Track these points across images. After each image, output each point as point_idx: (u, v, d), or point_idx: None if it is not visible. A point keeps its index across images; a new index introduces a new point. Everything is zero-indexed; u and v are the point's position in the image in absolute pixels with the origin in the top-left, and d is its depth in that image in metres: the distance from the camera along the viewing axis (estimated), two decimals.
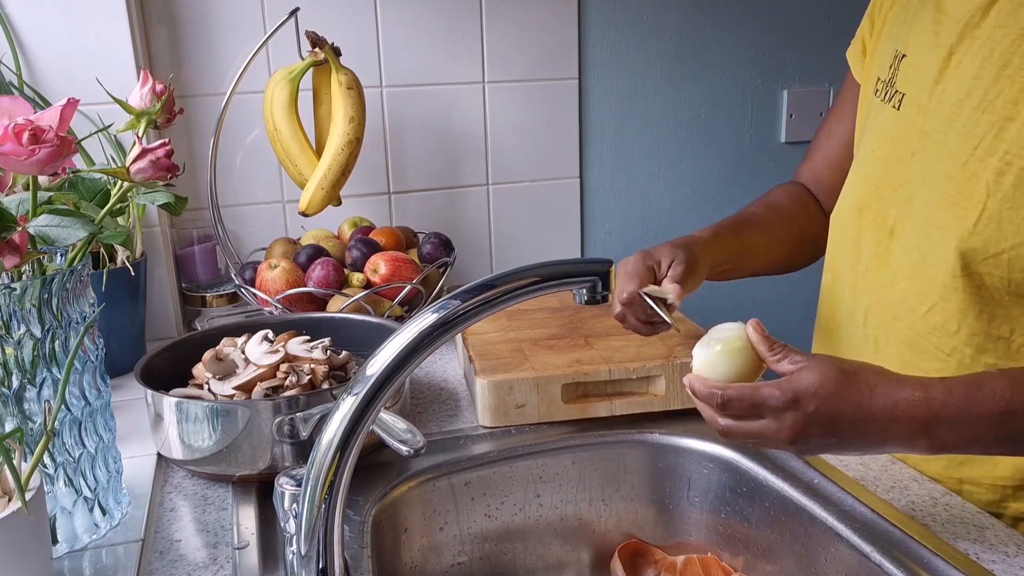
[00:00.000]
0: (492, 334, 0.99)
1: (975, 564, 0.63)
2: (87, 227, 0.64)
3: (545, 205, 1.42)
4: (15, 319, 0.62)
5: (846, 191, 0.89)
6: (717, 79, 1.47)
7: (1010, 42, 0.71)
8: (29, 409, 0.63)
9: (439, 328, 0.52)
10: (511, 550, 0.86)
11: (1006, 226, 0.70)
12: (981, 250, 0.72)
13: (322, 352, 0.82)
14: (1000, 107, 0.71)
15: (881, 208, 0.82)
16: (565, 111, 1.39)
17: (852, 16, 1.51)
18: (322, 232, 1.23)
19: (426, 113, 1.33)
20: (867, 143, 0.87)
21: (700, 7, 1.43)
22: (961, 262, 0.73)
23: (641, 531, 0.88)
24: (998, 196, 0.70)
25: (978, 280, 0.73)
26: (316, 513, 0.53)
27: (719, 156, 1.51)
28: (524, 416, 0.87)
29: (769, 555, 0.78)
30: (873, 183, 0.84)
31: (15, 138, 0.59)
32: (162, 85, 0.80)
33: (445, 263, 1.16)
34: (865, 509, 0.71)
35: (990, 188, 0.71)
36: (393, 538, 0.79)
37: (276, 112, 1.14)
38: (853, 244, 0.87)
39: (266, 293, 1.07)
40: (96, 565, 0.66)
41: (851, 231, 0.87)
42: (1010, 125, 0.70)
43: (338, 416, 0.51)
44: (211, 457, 0.75)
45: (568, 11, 1.35)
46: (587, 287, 0.56)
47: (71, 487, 0.67)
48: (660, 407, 0.89)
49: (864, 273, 0.85)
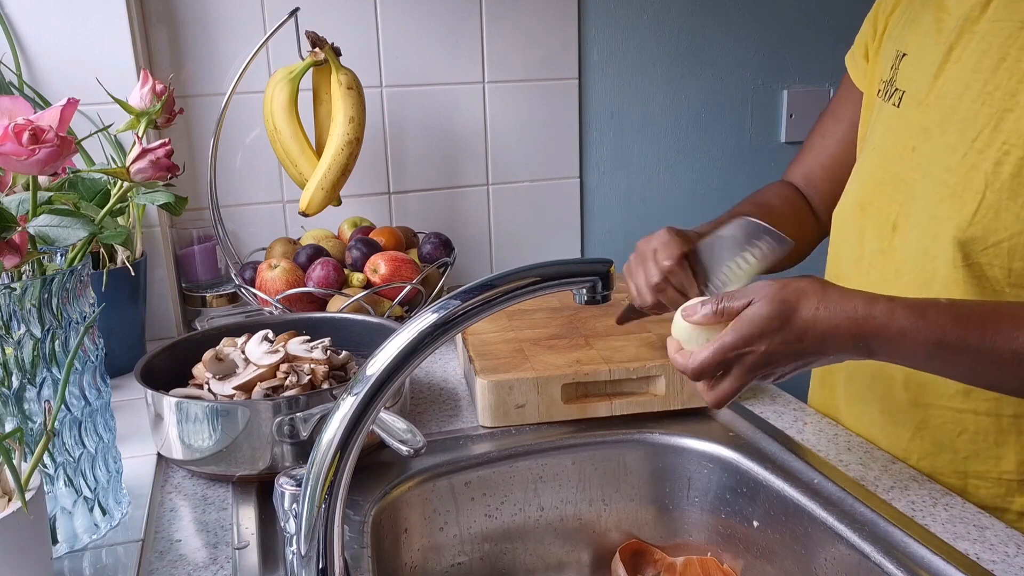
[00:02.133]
0: (492, 334, 0.99)
1: (975, 564, 0.63)
2: (87, 227, 0.64)
3: (545, 205, 1.42)
4: (15, 319, 0.62)
5: (849, 189, 0.90)
6: (717, 79, 1.47)
7: (1008, 35, 0.72)
8: (29, 409, 0.63)
9: (439, 328, 0.52)
10: (511, 550, 0.86)
11: (1004, 215, 0.71)
12: (980, 239, 0.73)
13: (322, 352, 0.82)
14: (998, 99, 0.72)
15: (883, 204, 0.83)
16: (565, 111, 1.39)
17: (852, 16, 1.51)
18: (322, 232, 1.23)
19: (426, 113, 1.33)
20: (869, 141, 0.88)
21: (700, 7, 1.43)
22: (961, 252, 0.74)
23: (641, 531, 0.88)
24: (996, 186, 0.71)
25: (979, 271, 0.73)
26: (316, 513, 0.53)
27: (719, 156, 1.51)
28: (524, 416, 0.87)
29: (769, 555, 0.78)
30: (875, 179, 0.85)
31: (15, 138, 0.59)
32: (162, 85, 0.80)
33: (445, 263, 1.16)
34: (865, 509, 0.71)
35: (988, 178, 0.72)
36: (393, 538, 0.79)
37: (276, 112, 1.14)
38: (856, 240, 0.87)
39: (266, 293, 1.07)
40: (96, 565, 0.66)
41: (854, 227, 0.88)
42: (1008, 116, 0.71)
43: (338, 416, 0.51)
44: (211, 457, 0.75)
45: (568, 11, 1.35)
46: (587, 287, 0.56)
47: (71, 487, 0.67)
48: (660, 407, 0.89)
49: (867, 269, 0.85)
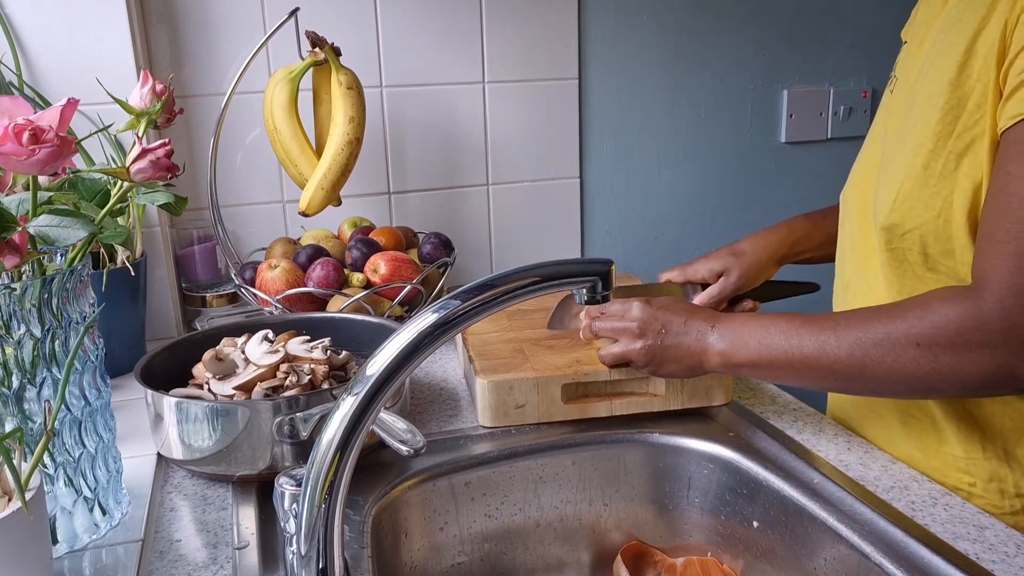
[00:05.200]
0: (492, 334, 0.99)
1: (975, 564, 0.63)
2: (87, 227, 0.64)
3: (545, 205, 1.42)
4: (15, 319, 0.62)
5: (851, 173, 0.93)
6: (717, 79, 1.47)
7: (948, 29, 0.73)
8: (29, 409, 0.63)
9: (439, 328, 0.52)
10: (511, 550, 0.86)
11: (916, 204, 0.74)
12: (899, 226, 0.76)
13: (322, 352, 0.82)
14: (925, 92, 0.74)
15: (866, 186, 0.85)
16: (565, 111, 1.39)
17: (852, 16, 1.52)
18: (322, 232, 1.23)
19: (426, 113, 1.33)
20: (872, 127, 0.89)
21: (700, 7, 1.43)
22: (885, 237, 0.77)
23: (641, 532, 0.88)
24: (912, 175, 0.74)
25: (900, 255, 0.77)
26: (316, 513, 0.53)
27: (719, 156, 1.51)
28: (524, 416, 0.87)
29: (769, 555, 0.78)
30: (863, 164, 0.87)
31: (15, 138, 0.59)
32: (162, 85, 0.80)
33: (445, 263, 1.16)
34: (865, 509, 0.71)
35: (907, 168, 0.74)
36: (393, 538, 0.79)
37: (276, 112, 1.14)
38: (844, 221, 0.91)
39: (266, 293, 1.07)
40: (96, 565, 0.66)
41: (845, 208, 0.91)
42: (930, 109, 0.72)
43: (338, 416, 0.51)
44: (211, 457, 0.75)
45: (568, 11, 1.35)
46: (587, 287, 0.56)
47: (71, 487, 0.67)
48: (660, 407, 0.89)
49: (845, 249, 0.90)
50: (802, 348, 0.73)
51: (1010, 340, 0.65)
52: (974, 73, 0.69)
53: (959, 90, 0.70)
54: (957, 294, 0.68)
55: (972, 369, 0.67)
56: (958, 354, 0.67)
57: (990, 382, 0.67)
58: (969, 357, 0.66)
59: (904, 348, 0.68)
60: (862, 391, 0.76)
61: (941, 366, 0.67)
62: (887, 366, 0.69)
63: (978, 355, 0.66)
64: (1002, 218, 0.66)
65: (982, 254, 0.68)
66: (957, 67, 0.70)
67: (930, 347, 0.67)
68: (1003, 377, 0.66)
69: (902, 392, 0.74)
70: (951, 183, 0.71)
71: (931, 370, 0.68)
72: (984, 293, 0.66)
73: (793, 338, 0.74)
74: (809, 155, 1.56)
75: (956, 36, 0.71)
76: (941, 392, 0.73)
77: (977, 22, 0.69)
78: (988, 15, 0.68)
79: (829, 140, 1.56)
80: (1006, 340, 0.65)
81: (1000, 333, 0.65)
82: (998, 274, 0.65)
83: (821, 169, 1.57)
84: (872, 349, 0.70)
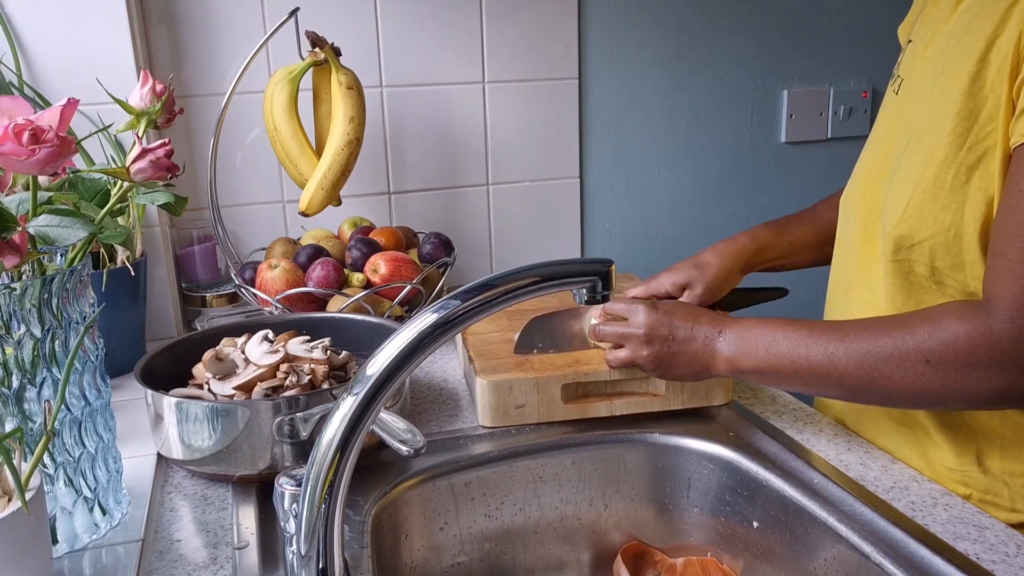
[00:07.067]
0: (492, 334, 0.99)
1: (975, 564, 0.63)
2: (87, 227, 0.64)
3: (545, 205, 1.42)
4: (15, 319, 0.62)
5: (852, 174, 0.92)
6: (717, 79, 1.47)
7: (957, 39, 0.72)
8: (29, 409, 0.63)
9: (439, 328, 0.52)
10: (511, 550, 0.86)
11: (926, 216, 0.73)
12: (908, 237, 0.75)
13: (322, 352, 0.82)
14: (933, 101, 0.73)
15: (869, 190, 0.84)
16: (565, 111, 1.39)
17: (852, 16, 1.52)
18: (322, 232, 1.23)
19: (426, 113, 1.33)
20: (874, 128, 0.89)
21: (700, 7, 1.43)
22: (892, 248, 0.76)
23: (641, 531, 0.88)
24: (922, 186, 0.73)
25: (907, 267, 0.76)
26: (316, 513, 0.53)
27: (719, 156, 1.51)
28: (524, 416, 0.87)
29: (769, 556, 0.78)
30: (864, 167, 0.87)
31: (15, 138, 0.59)
32: (162, 85, 0.80)
33: (445, 263, 1.16)
34: (865, 509, 0.71)
35: (917, 179, 0.73)
36: (393, 538, 0.79)
37: (276, 112, 1.14)
38: (842, 225, 0.90)
39: (266, 293, 1.07)
40: (96, 565, 0.66)
41: (843, 212, 0.90)
42: (943, 120, 0.71)
43: (338, 416, 0.51)
44: (211, 457, 0.75)
45: (568, 11, 1.35)
46: (587, 287, 0.56)
47: (71, 487, 0.67)
48: (660, 407, 0.89)
49: (844, 253, 0.89)
50: (809, 358, 0.73)
51: (1019, 359, 0.65)
52: (987, 84, 0.68)
53: (971, 101, 0.69)
54: (967, 311, 0.68)
55: (981, 386, 0.67)
56: (967, 371, 0.66)
57: (998, 399, 0.67)
58: (978, 375, 0.66)
59: (913, 364, 0.68)
60: (869, 402, 0.76)
61: (950, 383, 0.67)
62: (896, 381, 0.69)
63: (987, 373, 0.66)
64: (1013, 236, 0.65)
65: (992, 272, 0.67)
66: (969, 77, 0.69)
67: (939, 364, 0.67)
68: (1011, 394, 0.66)
69: (908, 405, 0.75)
70: (962, 196, 0.70)
71: (940, 386, 0.68)
72: (994, 312, 0.66)
73: (800, 347, 0.74)
74: (809, 155, 1.56)
75: (968, 44, 0.70)
76: (948, 406, 0.74)
77: (991, 31, 0.68)
78: (1002, 24, 0.67)
79: (829, 140, 1.56)
80: (1015, 359, 0.65)
81: (1009, 352, 0.65)
82: (1008, 293, 0.65)
83: (821, 169, 1.57)
84: (881, 363, 0.69)
